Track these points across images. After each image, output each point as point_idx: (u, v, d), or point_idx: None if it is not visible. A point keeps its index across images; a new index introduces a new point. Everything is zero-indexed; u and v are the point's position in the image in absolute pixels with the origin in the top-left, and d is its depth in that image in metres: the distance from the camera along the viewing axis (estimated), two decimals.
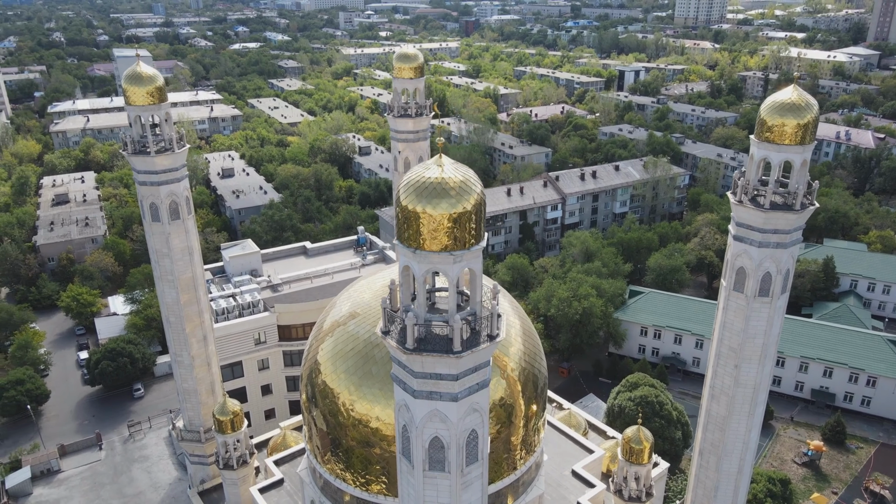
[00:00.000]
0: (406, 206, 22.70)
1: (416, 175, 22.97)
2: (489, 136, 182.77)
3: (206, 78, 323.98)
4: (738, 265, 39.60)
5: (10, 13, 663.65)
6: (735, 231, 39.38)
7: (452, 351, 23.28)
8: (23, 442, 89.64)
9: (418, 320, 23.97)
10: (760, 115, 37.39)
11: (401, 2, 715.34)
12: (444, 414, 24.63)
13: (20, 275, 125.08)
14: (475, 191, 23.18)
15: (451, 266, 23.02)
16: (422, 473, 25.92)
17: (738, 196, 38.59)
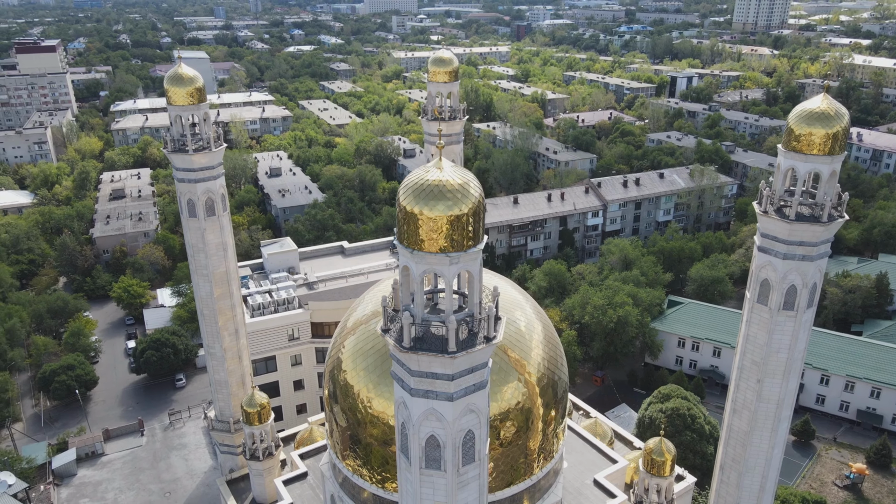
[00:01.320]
0: (405, 207, 23.22)
1: (415, 177, 23.47)
2: (533, 141, 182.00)
3: (261, 79, 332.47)
4: (762, 277, 38.70)
5: (80, 15, 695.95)
6: (760, 242, 38.52)
7: (447, 351, 23.65)
8: (71, 425, 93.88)
9: (416, 320, 24.43)
10: (788, 123, 36.53)
11: (454, 6, 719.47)
12: (440, 413, 25.01)
13: (77, 265, 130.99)
14: (474, 194, 23.50)
15: (448, 267, 23.41)
16: (419, 471, 26.35)
17: (763, 206, 37.74)
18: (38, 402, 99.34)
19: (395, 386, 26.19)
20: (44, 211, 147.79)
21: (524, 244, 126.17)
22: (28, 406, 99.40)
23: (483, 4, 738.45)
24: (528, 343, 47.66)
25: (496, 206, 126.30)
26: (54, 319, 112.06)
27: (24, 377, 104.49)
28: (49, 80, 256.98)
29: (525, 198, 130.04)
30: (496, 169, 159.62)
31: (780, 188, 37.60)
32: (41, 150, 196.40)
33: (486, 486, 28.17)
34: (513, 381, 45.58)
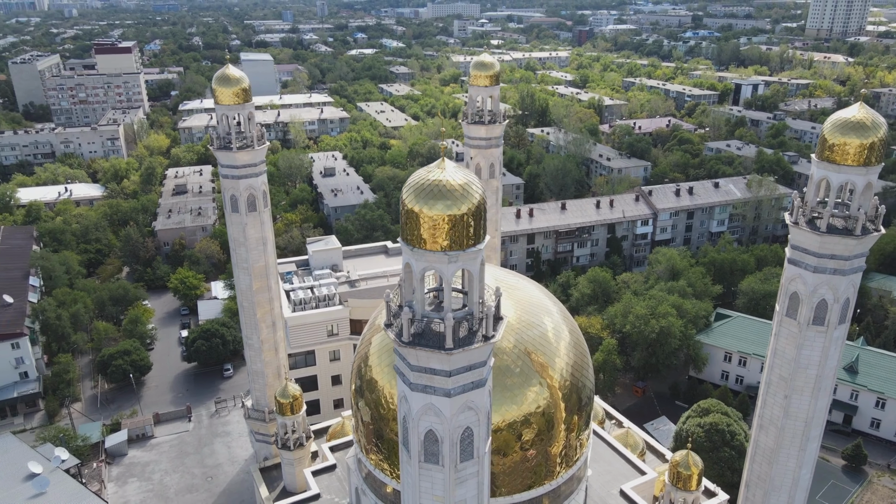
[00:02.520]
0: (407, 205, 23.91)
1: (418, 176, 24.13)
2: (586, 147, 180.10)
3: (322, 81, 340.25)
4: (791, 290, 37.64)
5: (158, 18, 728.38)
6: (790, 254, 37.48)
7: (444, 347, 24.17)
8: (125, 407, 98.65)
9: (416, 316, 25.06)
10: (822, 132, 35.48)
11: (516, 11, 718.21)
12: (438, 408, 25.55)
13: (139, 256, 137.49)
14: (474, 195, 23.96)
15: (446, 266, 23.95)
16: (418, 465, 26.95)
17: (794, 217, 36.71)
18: (97, 384, 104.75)
19: (398, 380, 26.89)
20: (112, 203, 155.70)
21: (570, 250, 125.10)
22: (87, 387, 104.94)
23: (546, 9, 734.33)
24: (554, 348, 47.61)
25: (543, 211, 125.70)
26: (115, 307, 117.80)
27: (86, 360, 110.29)
28: (124, 80, 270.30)
29: (573, 204, 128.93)
30: (546, 174, 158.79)
31: (812, 199, 36.52)
32: (113, 146, 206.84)
33: (486, 484, 28.53)
34: (535, 385, 45.65)
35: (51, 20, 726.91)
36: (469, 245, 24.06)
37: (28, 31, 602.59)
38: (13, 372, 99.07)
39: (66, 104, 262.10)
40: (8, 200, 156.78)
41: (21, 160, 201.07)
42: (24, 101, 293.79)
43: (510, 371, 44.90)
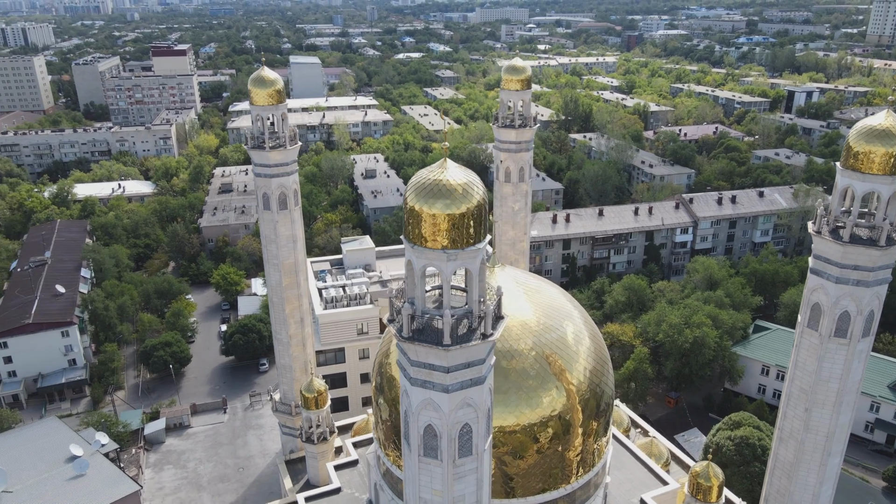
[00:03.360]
0: (408, 204, 24.56)
1: (421, 176, 24.75)
2: (629, 154, 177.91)
3: (369, 85, 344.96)
4: (813, 300, 36.85)
5: (214, 22, 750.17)
6: (812, 264, 36.71)
7: (442, 343, 24.70)
8: (164, 397, 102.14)
9: (416, 312, 25.66)
10: (847, 139, 34.69)
11: (565, 16, 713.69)
12: (437, 404, 26.07)
13: (184, 252, 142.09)
14: (474, 195, 24.44)
15: (445, 263, 24.48)
16: (417, 459, 27.51)
17: (817, 226, 35.96)
18: (139, 374, 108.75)
19: (400, 374, 27.52)
20: (161, 200, 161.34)
21: (606, 257, 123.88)
22: (131, 376, 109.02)
23: (596, 14, 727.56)
24: (573, 352, 47.58)
25: (580, 217, 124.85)
26: (160, 299, 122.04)
27: (130, 350, 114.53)
28: (178, 81, 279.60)
29: (610, 210, 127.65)
30: (586, 180, 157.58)
31: (836, 208, 35.71)
32: (165, 145, 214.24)
33: (485, 481, 28.88)
34: (553, 389, 45.70)
35: (114, 23, 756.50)
36: (468, 244, 24.55)
37: (92, 33, 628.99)
38: (62, 359, 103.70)
39: (123, 104, 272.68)
40: (65, 195, 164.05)
41: (79, 157, 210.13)
42: (85, 101, 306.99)
43: (528, 373, 45.10)
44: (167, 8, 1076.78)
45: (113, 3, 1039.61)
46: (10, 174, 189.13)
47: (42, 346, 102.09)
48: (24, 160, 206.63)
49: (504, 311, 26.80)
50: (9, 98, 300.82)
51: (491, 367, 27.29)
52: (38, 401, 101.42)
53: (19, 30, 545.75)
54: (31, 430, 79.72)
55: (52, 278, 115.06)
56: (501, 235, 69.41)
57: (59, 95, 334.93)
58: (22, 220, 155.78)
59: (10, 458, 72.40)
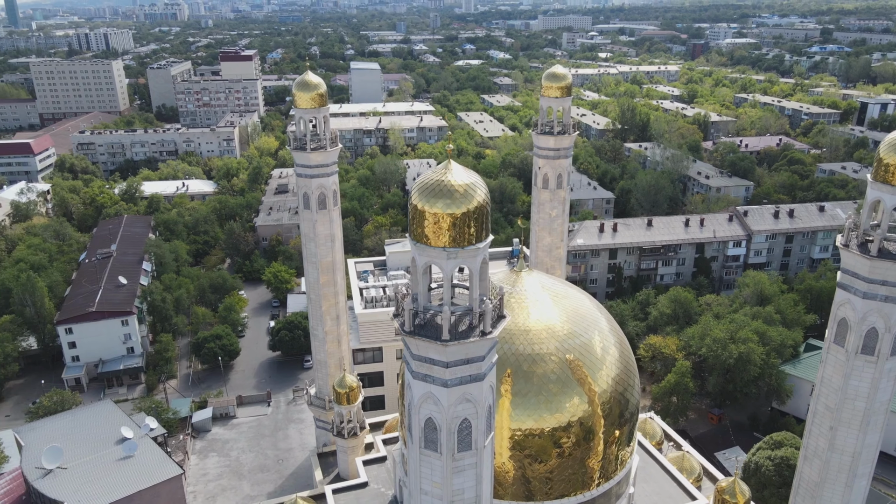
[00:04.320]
0: (412, 202, 25.55)
1: (426, 176, 25.71)
2: (685, 164, 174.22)
3: (427, 91, 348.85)
4: (839, 315, 35.87)
5: (282, 29, 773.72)
6: (840, 278, 35.79)
7: (440, 338, 25.53)
8: (213, 387, 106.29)
9: (418, 308, 26.58)
10: (878, 151, 33.77)
11: (629, 23, 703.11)
12: (437, 397, 26.89)
13: (240, 249, 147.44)
14: (476, 197, 25.20)
15: (445, 261, 25.33)
16: (418, 451, 28.38)
17: (845, 239, 35.05)
18: (191, 364, 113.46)
19: (405, 368, 28.48)
20: (221, 199, 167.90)
21: (654, 268, 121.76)
22: (183, 366, 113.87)
23: (661, 22, 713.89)
24: (598, 360, 47.56)
25: (627, 226, 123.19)
26: (214, 294, 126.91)
27: (184, 342, 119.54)
28: (243, 86, 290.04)
29: (660, 220, 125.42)
30: (638, 190, 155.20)
31: (865, 221, 34.75)
32: (228, 146, 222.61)
33: (485, 477, 29.46)
34: (575, 396, 45.84)
35: (189, 30, 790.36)
36: (468, 243, 25.32)
37: (168, 39, 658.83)
38: (121, 346, 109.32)
39: (191, 107, 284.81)
40: (134, 192, 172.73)
41: (149, 156, 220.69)
42: (157, 103, 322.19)
43: (549, 378, 45.36)
44: (239, 15, 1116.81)
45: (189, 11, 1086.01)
46: (85, 171, 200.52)
47: (103, 334, 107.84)
48: (99, 158, 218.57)
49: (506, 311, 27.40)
50: (89, 99, 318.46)
51: (492, 364, 27.93)
52: (98, 385, 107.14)
53: (101, 35, 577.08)
54: (87, 412, 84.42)
55: (116, 270, 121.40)
56: (538, 241, 69.59)
57: (134, 98, 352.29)
58: (93, 214, 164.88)
59: (66, 436, 76.92)
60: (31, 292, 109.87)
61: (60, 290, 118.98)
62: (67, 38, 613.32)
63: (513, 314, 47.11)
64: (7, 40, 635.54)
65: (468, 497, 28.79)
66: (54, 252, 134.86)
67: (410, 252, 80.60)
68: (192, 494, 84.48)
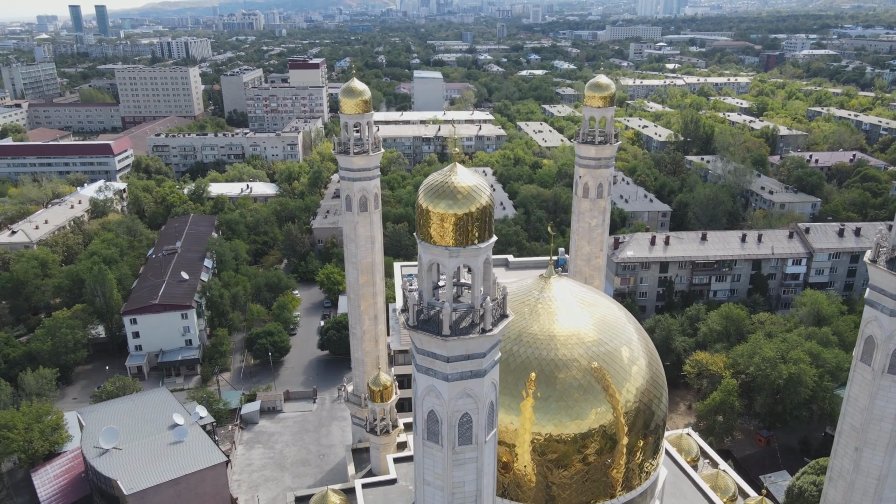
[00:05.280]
0: (418, 202, 26.78)
1: (432, 178, 26.91)
2: (747, 178, 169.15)
3: (489, 100, 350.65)
4: (867, 333, 34.95)
5: (352, 38, 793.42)
6: (868, 294, 34.89)
7: (440, 333, 26.60)
8: (262, 382, 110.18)
9: (423, 304, 27.74)
10: None
11: (700, 34, 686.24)
12: (439, 391, 27.94)
13: (296, 250, 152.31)
14: (478, 198, 26.20)
15: (447, 259, 26.40)
16: (421, 442, 29.48)
17: (873, 254, 34.16)
18: (244, 359, 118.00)
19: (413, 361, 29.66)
20: (281, 201, 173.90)
21: (707, 283, 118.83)
22: (237, 360, 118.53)
23: (735, 33, 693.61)
24: (625, 370, 47.48)
25: (680, 240, 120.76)
26: (269, 293, 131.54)
27: (239, 337, 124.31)
28: (309, 92, 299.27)
29: (715, 235, 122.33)
30: (696, 203, 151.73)
31: (894, 238, 33.76)
32: (292, 151, 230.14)
33: (486, 472, 30.23)
34: (598, 404, 45.93)
35: (263, 39, 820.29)
36: (470, 243, 26.32)
37: (244, 48, 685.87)
38: (180, 338, 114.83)
39: (260, 112, 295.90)
40: (201, 193, 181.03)
41: (218, 159, 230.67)
42: (229, 109, 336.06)
43: (572, 384, 45.59)
44: (311, 25, 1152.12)
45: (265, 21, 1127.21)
46: (158, 171, 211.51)
47: (164, 326, 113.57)
48: (172, 160, 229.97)
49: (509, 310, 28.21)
50: (167, 104, 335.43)
51: (494, 362, 28.77)
52: (157, 374, 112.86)
53: (182, 44, 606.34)
54: (144, 398, 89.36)
55: (180, 266, 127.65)
56: (577, 250, 69.63)
57: (208, 103, 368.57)
58: (163, 212, 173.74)
59: (123, 419, 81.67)
60: (102, 283, 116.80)
61: (128, 283, 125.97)
62: (151, 46, 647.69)
63: (539, 320, 47.67)
64: (97, 48, 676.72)
65: (468, 490, 29.64)
66: (125, 247, 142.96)
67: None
68: (237, 483, 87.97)
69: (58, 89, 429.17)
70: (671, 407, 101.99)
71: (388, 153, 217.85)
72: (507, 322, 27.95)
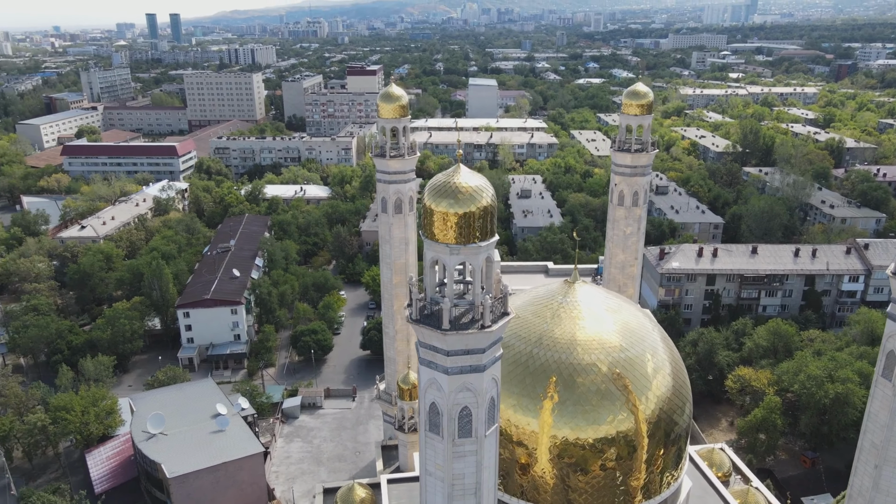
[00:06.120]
0: (424, 201, 27.91)
1: (437, 178, 27.98)
2: (807, 191, 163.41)
3: (544, 108, 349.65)
4: (888, 348, 34.07)
5: (412, 46, 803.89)
6: (890, 308, 34.04)
7: (440, 327, 27.60)
8: (305, 378, 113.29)
9: (426, 298, 28.81)
10: None
11: (767, 42, 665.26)
12: (439, 384, 28.92)
13: (345, 252, 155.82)
14: (480, 199, 27.11)
15: (448, 257, 27.39)
16: (424, 433, 30.50)
17: (895, 268, 33.32)
18: (289, 355, 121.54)
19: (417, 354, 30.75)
20: (333, 204, 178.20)
21: (756, 298, 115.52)
22: (282, 356, 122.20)
23: (805, 41, 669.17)
24: (646, 378, 47.34)
25: (729, 252, 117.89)
26: (316, 292, 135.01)
27: (285, 334, 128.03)
28: (365, 98, 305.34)
29: (766, 248, 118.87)
30: (750, 216, 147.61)
31: None
32: (346, 155, 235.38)
33: (486, 466, 30.95)
34: (618, 411, 46.01)
35: (326, 46, 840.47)
36: (470, 242, 27.24)
37: (307, 55, 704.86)
38: (229, 333, 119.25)
39: (317, 117, 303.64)
40: (257, 194, 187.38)
41: (275, 162, 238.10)
42: (289, 114, 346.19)
43: (591, 389, 45.77)
44: (373, 32, 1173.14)
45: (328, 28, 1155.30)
46: (219, 173, 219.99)
47: (215, 320, 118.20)
48: (232, 162, 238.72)
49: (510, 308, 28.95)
50: (230, 108, 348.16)
51: (495, 359, 29.54)
52: (206, 366, 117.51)
53: (249, 51, 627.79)
54: (190, 387, 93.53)
55: (232, 263, 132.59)
56: (611, 258, 69.36)
57: (270, 108, 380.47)
58: (221, 212, 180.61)
59: (170, 407, 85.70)
60: (159, 278, 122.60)
61: (184, 278, 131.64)
62: (220, 52, 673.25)
63: (561, 324, 48.06)
64: (169, 54, 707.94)
65: (468, 483, 30.45)
66: (183, 244, 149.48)
67: None
68: (275, 474, 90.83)
69: (131, 93, 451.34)
70: (712, 422, 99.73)
71: (439, 159, 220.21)
72: (507, 320, 28.69)
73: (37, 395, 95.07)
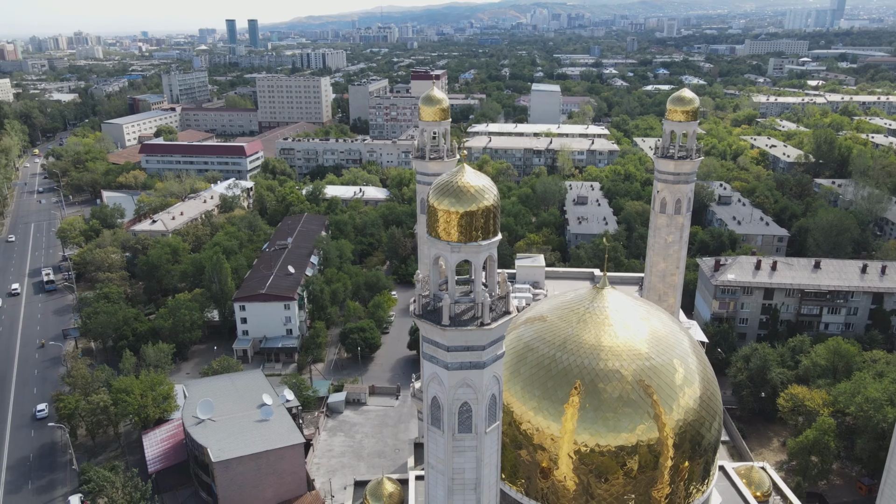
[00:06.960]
0: (428, 200, 28.64)
1: (441, 178, 28.65)
2: (882, 205, 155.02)
3: (608, 115, 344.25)
4: None
5: (479, 51, 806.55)
6: None
7: (440, 323, 28.26)
8: (351, 374, 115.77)
9: (429, 294, 29.51)
10: None
11: (852, 49, 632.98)
12: (441, 378, 29.56)
13: (398, 253, 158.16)
14: (482, 199, 27.61)
15: (449, 254, 27.99)
16: (427, 426, 31.18)
17: None
18: (337, 351, 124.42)
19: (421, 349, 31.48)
20: (390, 206, 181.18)
21: (818, 315, 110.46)
22: (331, 352, 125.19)
23: (894, 48, 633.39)
24: (672, 388, 46.81)
25: (789, 266, 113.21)
26: (367, 291, 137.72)
27: (335, 331, 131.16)
28: None
29: (830, 263, 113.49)
30: (817, 229, 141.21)
31: None
32: (406, 158, 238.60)
33: (486, 462, 31.33)
34: (641, 419, 45.64)
35: (395, 51, 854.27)
36: (471, 240, 27.79)
37: (376, 59, 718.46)
38: (282, 328, 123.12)
39: (381, 120, 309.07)
40: (318, 194, 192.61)
41: (336, 163, 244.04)
42: (354, 116, 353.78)
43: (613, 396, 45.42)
44: (442, 38, 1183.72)
45: (398, 34, 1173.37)
46: (283, 173, 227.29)
47: (269, 314, 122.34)
48: (296, 162, 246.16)
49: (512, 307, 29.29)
50: (298, 111, 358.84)
51: (496, 357, 29.93)
52: (259, 358, 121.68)
53: (320, 55, 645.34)
54: (240, 377, 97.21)
55: (289, 260, 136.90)
56: (652, 266, 68.16)
57: (336, 111, 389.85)
58: (282, 210, 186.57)
59: (219, 394, 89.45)
60: (219, 271, 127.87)
61: (243, 273, 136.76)
62: (293, 57, 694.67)
63: (587, 329, 47.87)
64: (246, 58, 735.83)
65: (468, 477, 30.92)
66: (244, 240, 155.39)
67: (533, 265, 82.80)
68: (317, 466, 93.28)
69: (208, 95, 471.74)
70: (762, 441, 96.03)
71: (497, 164, 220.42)
72: (508, 319, 29.04)
73: (101, 377, 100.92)
